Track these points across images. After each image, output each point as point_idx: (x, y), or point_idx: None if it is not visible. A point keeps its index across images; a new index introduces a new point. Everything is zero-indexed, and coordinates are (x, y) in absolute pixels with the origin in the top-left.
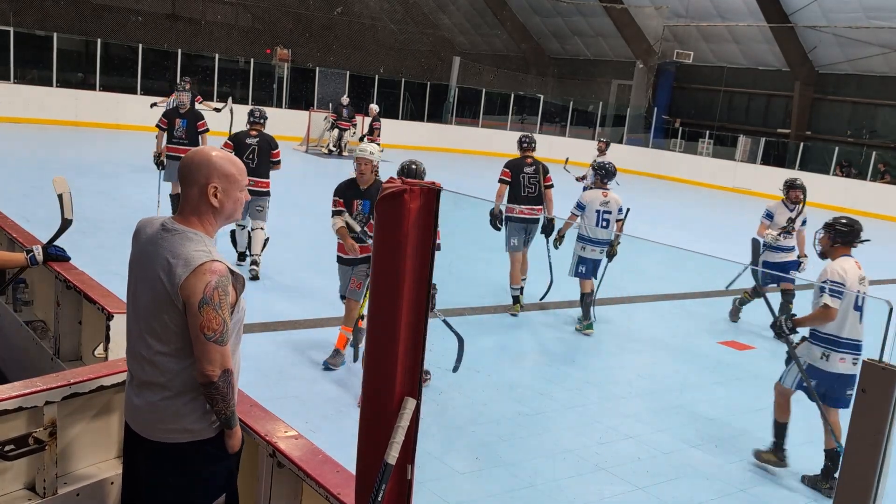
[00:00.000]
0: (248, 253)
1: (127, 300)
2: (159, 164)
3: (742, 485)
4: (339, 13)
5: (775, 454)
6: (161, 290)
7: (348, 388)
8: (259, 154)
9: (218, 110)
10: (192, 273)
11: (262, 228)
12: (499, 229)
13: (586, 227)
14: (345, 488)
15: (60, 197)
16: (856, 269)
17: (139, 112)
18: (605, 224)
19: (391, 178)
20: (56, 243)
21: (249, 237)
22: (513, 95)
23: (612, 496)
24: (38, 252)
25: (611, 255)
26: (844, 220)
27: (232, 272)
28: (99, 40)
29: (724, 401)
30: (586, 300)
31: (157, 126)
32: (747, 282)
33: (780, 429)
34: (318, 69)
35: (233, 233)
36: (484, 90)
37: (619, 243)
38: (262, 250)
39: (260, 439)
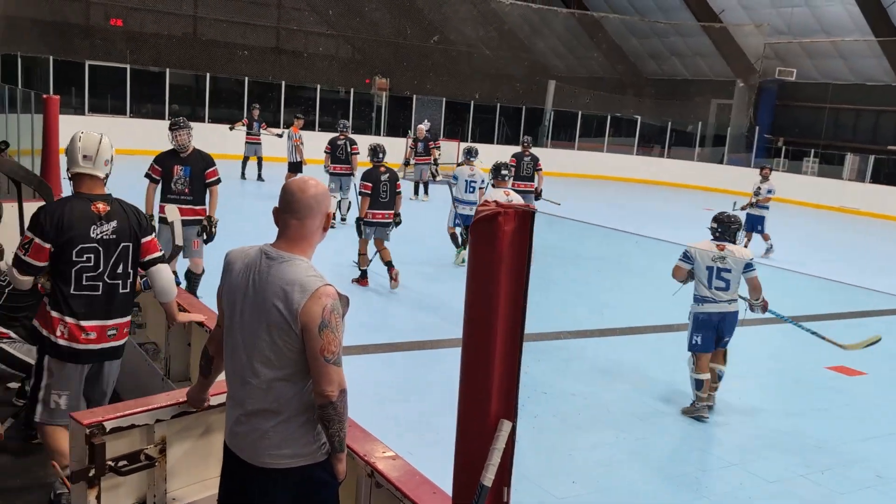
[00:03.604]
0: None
1: (227, 331)
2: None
3: None
4: (435, 42)
5: None
6: (277, 317)
7: (444, 409)
8: (346, 148)
9: (279, 136)
10: (310, 298)
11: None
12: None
13: (459, 193)
14: None
15: (172, 224)
16: (502, 196)
17: (243, 141)
18: (471, 190)
19: (486, 200)
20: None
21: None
22: (609, 117)
23: None
24: None
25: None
26: (502, 164)
27: (339, 294)
28: (208, 74)
29: (832, 428)
30: (458, 239)
31: (147, 176)
32: None
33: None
34: (415, 97)
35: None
36: (580, 113)
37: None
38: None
39: (359, 459)
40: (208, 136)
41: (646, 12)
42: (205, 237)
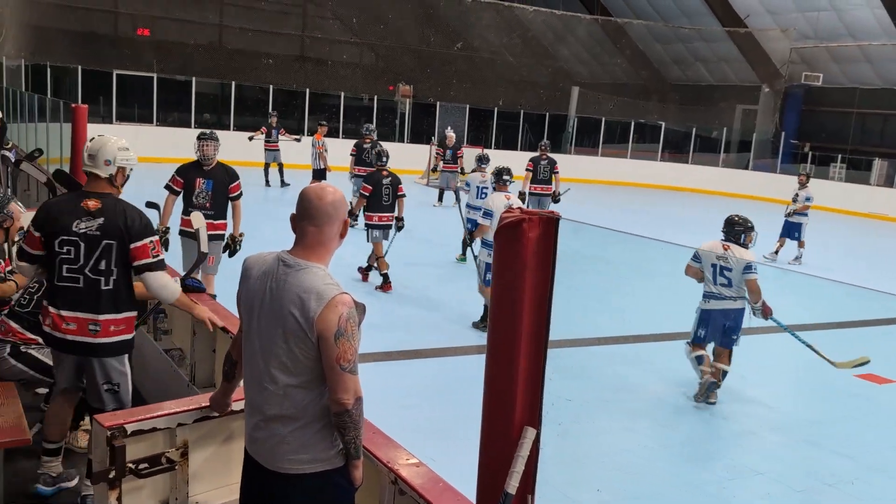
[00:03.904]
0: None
1: (245, 337)
2: (164, 242)
3: None
4: (459, 49)
5: (483, 323)
6: (293, 325)
7: (468, 417)
8: (372, 152)
9: (298, 140)
10: (326, 306)
11: None
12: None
13: (472, 199)
14: None
15: (198, 231)
16: (504, 200)
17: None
18: (483, 196)
19: (510, 207)
20: (192, 275)
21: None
22: (633, 123)
23: None
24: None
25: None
26: (503, 169)
27: (355, 302)
28: (233, 83)
29: (861, 437)
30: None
31: (167, 187)
32: None
33: (487, 310)
34: (438, 104)
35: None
36: (603, 119)
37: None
38: None
39: (382, 466)
40: (234, 146)
41: (670, 18)
42: (228, 253)
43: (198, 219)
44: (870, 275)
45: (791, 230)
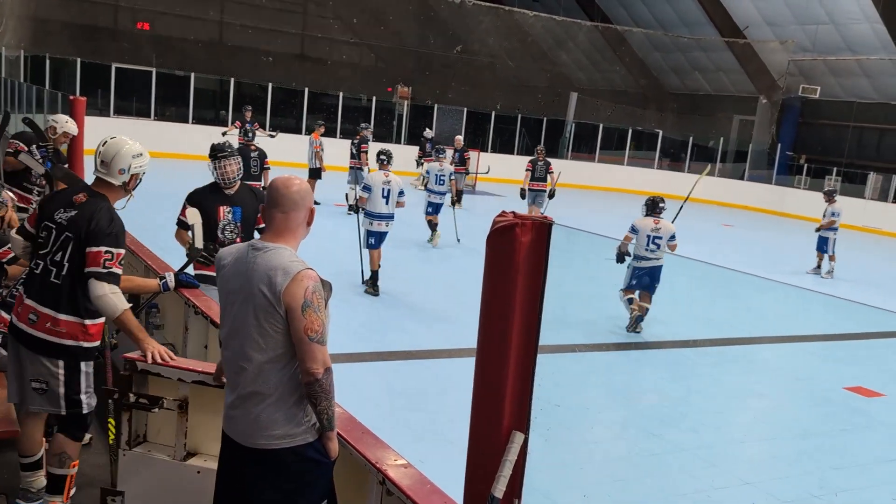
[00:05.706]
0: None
1: (222, 321)
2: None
3: None
4: (458, 52)
5: (373, 287)
6: (262, 301)
7: (457, 420)
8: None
9: (272, 136)
10: (292, 280)
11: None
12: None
13: (431, 184)
14: None
15: (193, 227)
16: (382, 177)
17: (269, 147)
18: (441, 182)
19: (503, 211)
20: (186, 270)
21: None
22: (630, 131)
23: None
24: (170, 279)
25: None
26: (382, 150)
27: (321, 279)
28: (232, 80)
29: (849, 450)
30: (434, 225)
31: (180, 223)
32: None
33: (374, 274)
34: (436, 106)
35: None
36: (601, 125)
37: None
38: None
39: (370, 466)
40: (232, 139)
41: (670, 27)
42: None
43: (193, 215)
44: (863, 290)
45: (820, 245)
